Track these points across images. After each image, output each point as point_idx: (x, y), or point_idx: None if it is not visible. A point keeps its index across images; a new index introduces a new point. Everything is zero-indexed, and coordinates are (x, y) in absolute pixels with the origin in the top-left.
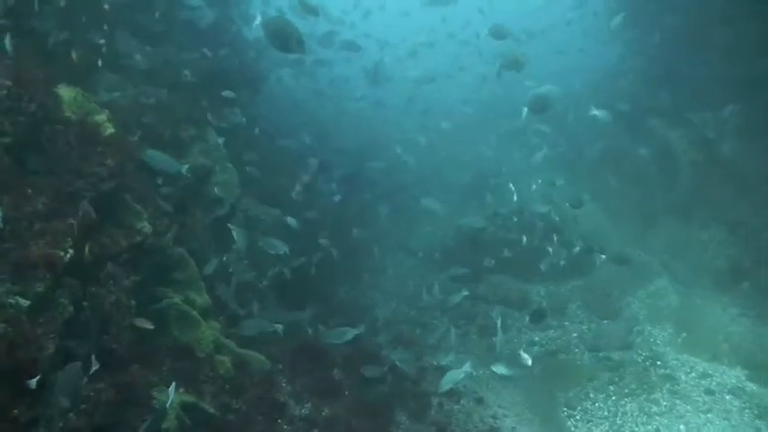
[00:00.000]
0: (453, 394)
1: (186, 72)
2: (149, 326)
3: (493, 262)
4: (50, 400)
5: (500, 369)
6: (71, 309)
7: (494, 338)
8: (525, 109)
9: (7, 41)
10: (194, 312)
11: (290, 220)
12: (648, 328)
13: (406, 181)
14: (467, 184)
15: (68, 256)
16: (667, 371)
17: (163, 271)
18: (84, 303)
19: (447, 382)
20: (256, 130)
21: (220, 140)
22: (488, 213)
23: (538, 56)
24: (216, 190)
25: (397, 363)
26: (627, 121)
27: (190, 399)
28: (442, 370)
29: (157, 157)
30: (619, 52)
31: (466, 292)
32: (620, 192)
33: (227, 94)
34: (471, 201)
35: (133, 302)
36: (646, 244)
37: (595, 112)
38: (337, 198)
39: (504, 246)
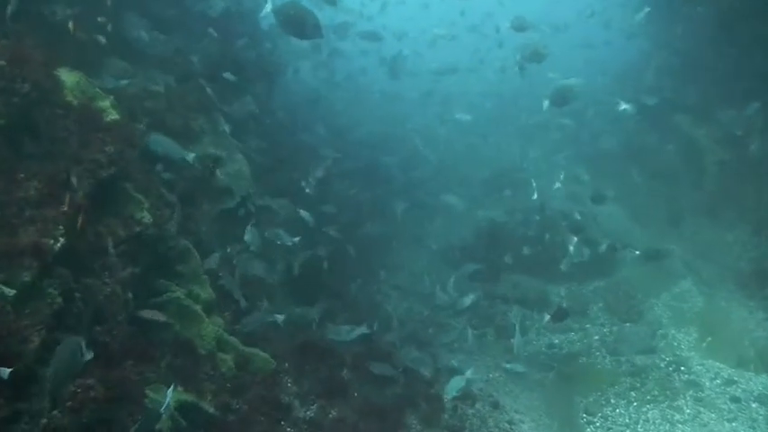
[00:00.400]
0: (468, 397)
1: (194, 59)
2: (162, 318)
3: (512, 260)
4: (38, 392)
5: (516, 367)
6: (60, 300)
7: (512, 340)
8: (546, 101)
9: (9, 9)
10: (196, 307)
11: (304, 214)
12: (672, 331)
13: (424, 175)
14: (486, 180)
15: (59, 244)
16: (691, 377)
17: (166, 263)
18: (77, 295)
19: (452, 390)
20: (267, 121)
21: (227, 127)
22: (508, 209)
23: (561, 48)
24: (223, 179)
25: (408, 363)
26: (651, 116)
27: (188, 398)
28: (456, 372)
29: (162, 143)
30: (643, 46)
31: (474, 295)
32: (644, 190)
33: (227, 76)
34: (490, 196)
35: (130, 295)
36: (669, 244)
37: (624, 106)
38: (353, 191)
39: (524, 243)
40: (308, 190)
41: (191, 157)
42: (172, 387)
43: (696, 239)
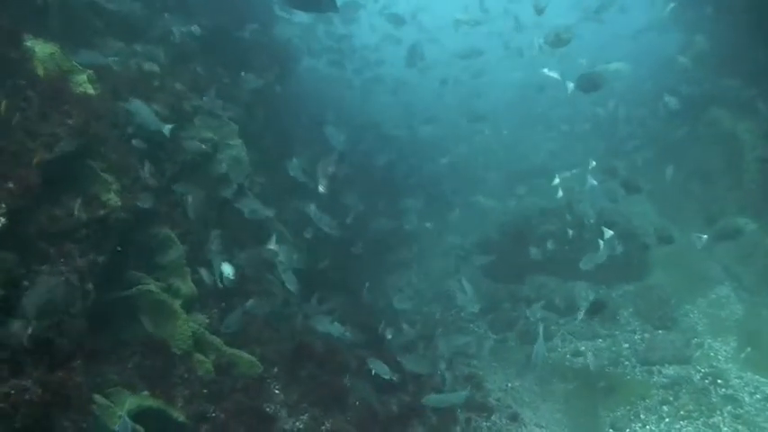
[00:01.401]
0: (484, 409)
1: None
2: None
3: (540, 255)
4: None
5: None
6: None
7: (534, 346)
8: (571, 84)
9: None
10: (172, 302)
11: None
12: (708, 340)
13: (441, 170)
14: (505, 176)
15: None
16: (729, 391)
17: (144, 253)
18: (25, 283)
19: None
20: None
21: (219, 102)
22: (531, 206)
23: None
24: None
25: (417, 368)
26: (686, 109)
27: (154, 403)
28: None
29: (140, 110)
30: (673, 34)
31: (478, 305)
32: (679, 187)
33: (194, 29)
34: (511, 192)
35: (90, 286)
36: (706, 247)
37: (667, 98)
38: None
39: (550, 242)
40: (321, 189)
41: (167, 129)
42: (127, 403)
43: (735, 242)
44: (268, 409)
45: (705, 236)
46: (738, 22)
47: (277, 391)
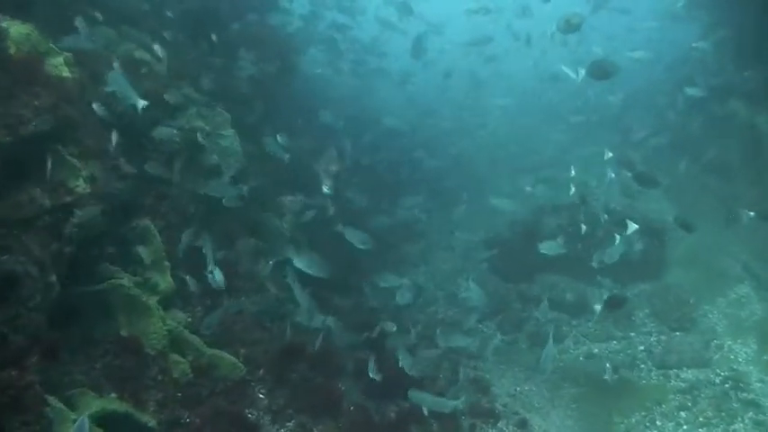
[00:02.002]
0: (491, 415)
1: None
2: None
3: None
4: None
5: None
6: None
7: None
8: (582, 71)
9: None
10: (147, 298)
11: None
12: (728, 342)
13: (443, 165)
14: (518, 170)
15: None
16: (750, 395)
17: (122, 246)
18: None
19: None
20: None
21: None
22: (543, 202)
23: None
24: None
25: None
26: (704, 102)
27: (120, 407)
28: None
29: (118, 82)
30: (695, 24)
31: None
32: (696, 183)
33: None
34: (523, 187)
35: (54, 278)
36: (725, 244)
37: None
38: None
39: (562, 239)
40: (326, 189)
41: (141, 103)
42: (92, 406)
43: (755, 239)
44: (250, 416)
45: (752, 213)
46: (756, 10)
47: (261, 396)
